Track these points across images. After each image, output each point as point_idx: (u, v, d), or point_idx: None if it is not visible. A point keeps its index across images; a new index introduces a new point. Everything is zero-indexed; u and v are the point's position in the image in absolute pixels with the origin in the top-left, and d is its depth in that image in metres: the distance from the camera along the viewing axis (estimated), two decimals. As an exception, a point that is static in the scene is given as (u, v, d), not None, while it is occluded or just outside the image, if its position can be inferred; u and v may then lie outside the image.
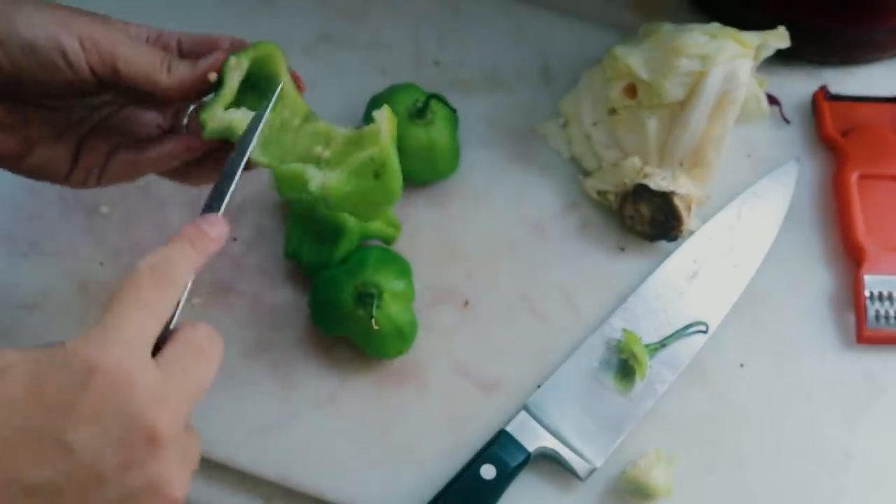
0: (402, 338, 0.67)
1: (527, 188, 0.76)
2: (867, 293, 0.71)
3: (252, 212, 0.74)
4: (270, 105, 0.58)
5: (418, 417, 0.68)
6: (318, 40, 0.82)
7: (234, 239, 0.72)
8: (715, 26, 0.73)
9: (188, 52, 0.60)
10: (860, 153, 0.76)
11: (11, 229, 0.73)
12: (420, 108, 0.72)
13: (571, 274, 0.73)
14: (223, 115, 0.57)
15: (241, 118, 0.57)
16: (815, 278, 0.74)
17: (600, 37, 0.80)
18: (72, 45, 0.53)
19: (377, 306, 0.65)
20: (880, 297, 0.71)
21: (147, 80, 0.56)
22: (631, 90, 0.73)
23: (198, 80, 0.57)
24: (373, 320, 0.65)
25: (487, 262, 0.73)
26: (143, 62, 0.55)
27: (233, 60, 0.57)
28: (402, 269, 0.68)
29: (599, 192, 0.75)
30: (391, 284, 0.66)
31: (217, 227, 0.51)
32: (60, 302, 0.70)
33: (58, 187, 0.73)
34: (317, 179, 0.57)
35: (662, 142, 0.72)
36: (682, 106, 0.71)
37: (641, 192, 0.72)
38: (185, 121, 0.62)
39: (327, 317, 0.68)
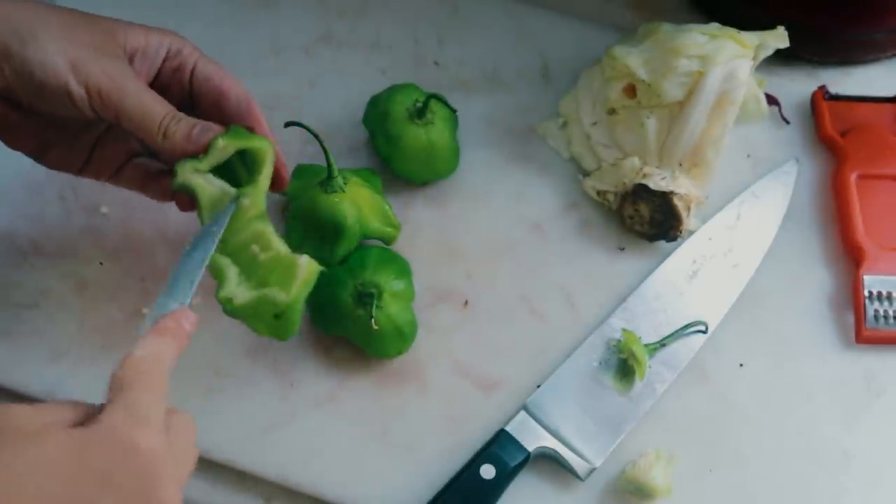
0: (401, 338, 0.67)
1: (526, 188, 0.76)
2: (866, 293, 0.71)
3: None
4: (226, 221, 0.60)
5: (418, 417, 0.68)
6: (318, 40, 0.82)
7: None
8: (714, 26, 0.73)
9: (197, 86, 0.62)
10: (859, 153, 0.76)
11: (11, 229, 0.73)
12: (420, 108, 0.72)
13: (571, 274, 0.73)
14: (191, 177, 0.59)
15: (205, 187, 0.59)
16: (814, 278, 0.74)
17: (600, 37, 0.80)
18: (78, 92, 0.56)
19: (377, 306, 0.65)
20: (879, 296, 0.71)
21: (144, 137, 0.58)
22: (630, 90, 0.73)
23: (187, 152, 0.59)
24: (372, 320, 0.65)
25: (487, 262, 0.73)
26: (144, 121, 0.58)
27: (220, 143, 0.59)
28: (402, 268, 0.69)
29: (599, 192, 0.75)
30: (391, 284, 0.67)
31: (192, 322, 0.54)
32: (60, 302, 0.70)
33: (58, 187, 0.74)
34: (228, 289, 0.60)
35: (662, 142, 0.72)
36: (682, 106, 0.71)
37: (641, 192, 0.72)
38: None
39: (327, 316, 0.68)
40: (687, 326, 0.69)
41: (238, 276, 0.61)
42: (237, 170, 0.62)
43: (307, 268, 0.60)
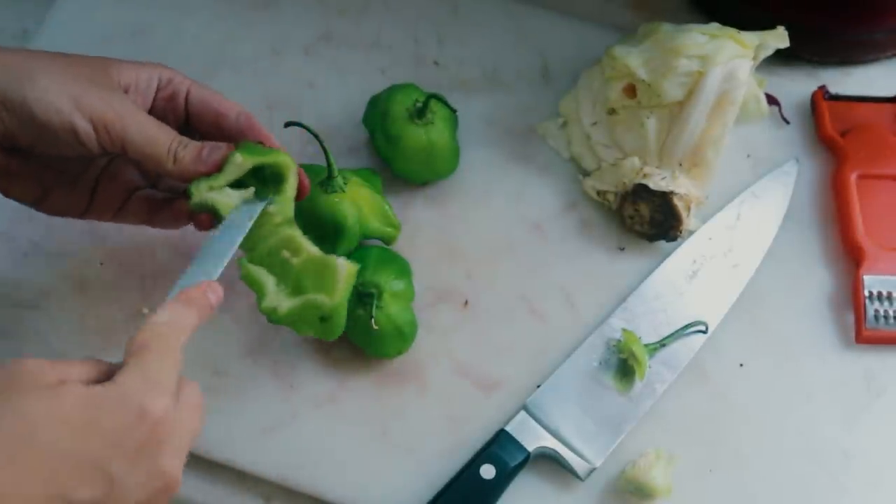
0: (402, 337, 0.67)
1: (526, 188, 0.76)
2: (866, 293, 0.71)
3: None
4: (257, 211, 0.61)
5: (418, 417, 0.68)
6: (318, 40, 0.82)
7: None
8: (714, 26, 0.73)
9: (194, 111, 0.62)
10: (859, 153, 0.76)
11: (11, 229, 0.73)
12: (420, 108, 0.72)
13: (571, 274, 0.73)
14: (209, 195, 0.59)
15: (224, 201, 0.60)
16: (814, 278, 0.74)
17: (600, 37, 0.80)
18: (84, 127, 0.56)
19: (377, 306, 0.65)
20: (879, 296, 0.71)
21: (153, 165, 0.58)
22: (630, 90, 0.73)
23: (200, 173, 0.59)
24: (372, 320, 0.65)
25: (487, 262, 0.73)
26: (151, 148, 0.58)
27: (238, 159, 0.59)
28: (402, 268, 0.69)
29: (599, 192, 0.75)
30: (391, 284, 0.67)
31: (218, 296, 0.55)
32: (60, 302, 0.70)
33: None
34: (270, 299, 0.61)
35: (662, 142, 0.72)
36: (682, 106, 0.71)
37: (641, 192, 0.72)
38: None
39: (327, 317, 0.68)
40: (687, 326, 0.69)
41: (276, 285, 0.61)
42: (249, 186, 0.62)
43: (347, 270, 0.61)
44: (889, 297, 0.71)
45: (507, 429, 0.66)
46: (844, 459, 0.68)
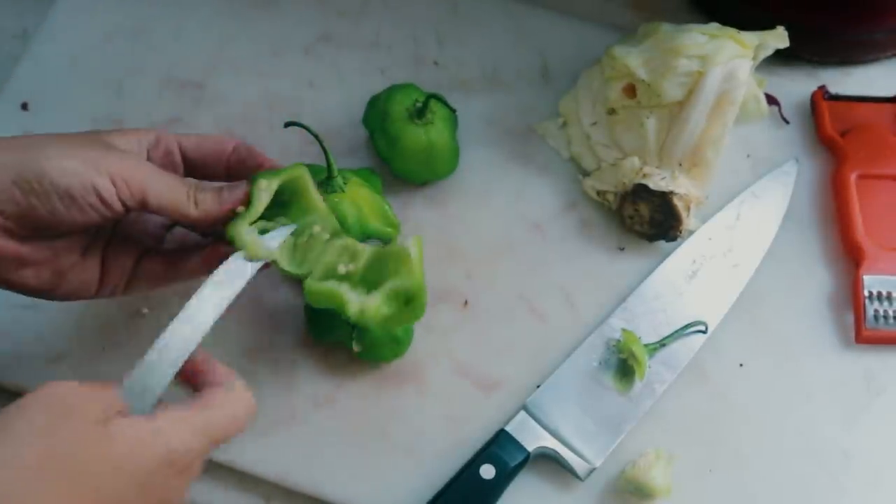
0: (395, 342, 0.67)
1: (526, 188, 0.76)
2: (866, 293, 0.71)
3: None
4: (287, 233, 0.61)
5: (418, 417, 0.68)
6: (318, 40, 0.82)
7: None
8: (714, 26, 0.73)
9: (193, 156, 0.62)
10: (859, 153, 0.76)
11: (11, 229, 0.72)
12: (419, 108, 0.72)
13: (571, 274, 0.73)
14: (253, 238, 0.59)
15: (265, 244, 0.59)
16: (814, 278, 0.74)
17: (600, 37, 0.80)
18: (105, 185, 0.55)
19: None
20: (879, 296, 0.71)
21: (176, 213, 0.58)
22: (630, 90, 0.73)
23: (224, 214, 0.59)
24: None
25: (487, 262, 0.73)
26: (172, 197, 0.58)
27: (263, 183, 0.59)
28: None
29: (599, 192, 0.75)
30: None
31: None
32: (60, 302, 0.70)
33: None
34: (354, 304, 0.60)
35: (661, 142, 0.72)
36: (682, 106, 0.71)
37: (641, 192, 0.72)
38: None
39: (322, 324, 0.68)
40: (687, 326, 0.69)
41: (351, 290, 0.60)
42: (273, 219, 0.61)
43: (417, 245, 0.61)
44: (889, 296, 0.71)
45: (507, 429, 0.66)
46: (844, 459, 0.68)
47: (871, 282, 0.72)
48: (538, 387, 0.68)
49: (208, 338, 0.62)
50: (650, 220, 0.73)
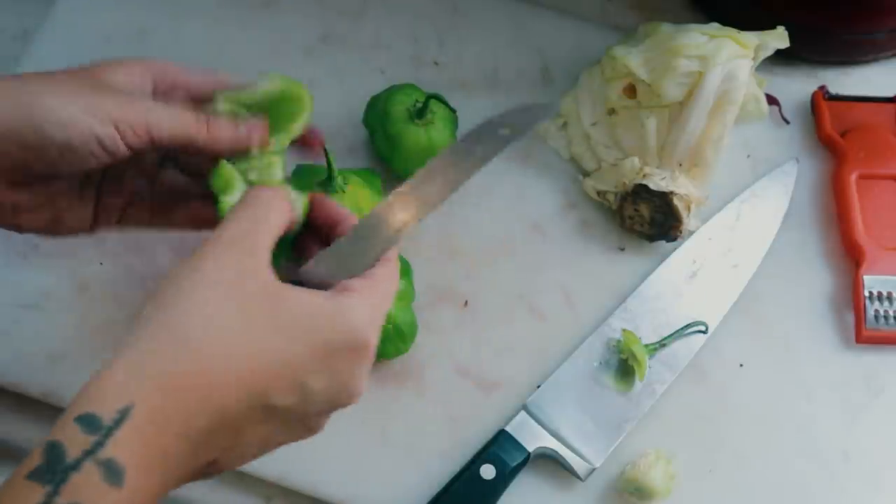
0: (401, 338, 0.67)
1: (526, 188, 0.76)
2: (866, 293, 0.71)
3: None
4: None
5: (418, 417, 0.68)
6: (318, 40, 0.82)
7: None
8: (714, 26, 0.73)
9: (199, 91, 0.59)
10: (859, 153, 0.76)
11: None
12: (420, 108, 0.72)
13: (571, 274, 0.73)
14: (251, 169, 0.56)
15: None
16: (814, 278, 0.74)
17: (600, 37, 0.80)
18: (107, 133, 0.53)
19: (377, 306, 0.65)
20: (879, 296, 0.71)
21: (187, 139, 0.55)
22: (630, 90, 0.73)
23: (242, 141, 0.56)
24: None
25: (487, 262, 0.73)
26: (179, 125, 0.55)
27: (276, 144, 0.57)
28: (402, 269, 0.68)
29: (599, 192, 0.75)
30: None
31: None
32: (60, 302, 0.70)
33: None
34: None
35: (662, 142, 0.72)
36: (682, 106, 0.71)
37: (641, 192, 0.72)
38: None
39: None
40: (687, 326, 0.69)
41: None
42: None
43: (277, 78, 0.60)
44: (889, 297, 0.71)
45: (507, 429, 0.66)
46: (844, 459, 0.68)
47: (872, 282, 0.72)
48: (538, 387, 0.68)
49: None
50: (650, 220, 0.73)
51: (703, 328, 0.70)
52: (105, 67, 0.57)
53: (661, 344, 0.69)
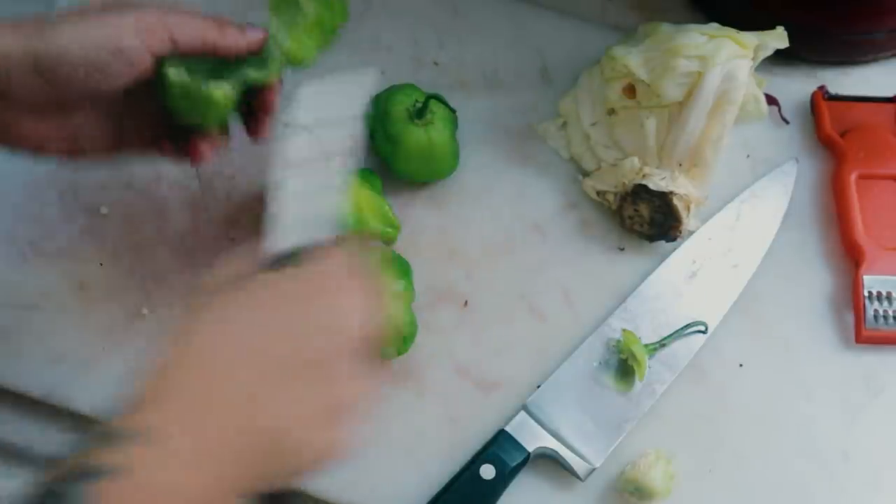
0: (402, 338, 0.67)
1: (526, 188, 0.76)
2: (866, 293, 0.71)
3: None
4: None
5: (418, 417, 0.68)
6: (318, 40, 0.82)
7: (232, 239, 0.73)
8: (713, 27, 0.73)
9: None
10: (859, 153, 0.76)
11: (11, 229, 0.73)
12: (420, 108, 0.72)
13: (571, 274, 0.73)
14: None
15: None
16: (813, 278, 0.74)
17: (600, 37, 0.80)
18: (132, 44, 0.55)
19: (377, 307, 0.65)
20: (879, 296, 0.71)
21: (207, 44, 0.58)
22: (630, 90, 0.73)
23: (252, 43, 0.60)
24: None
25: (487, 262, 0.73)
26: (201, 29, 0.58)
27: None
28: (402, 269, 0.69)
29: (598, 193, 0.75)
30: (391, 285, 0.67)
31: None
32: (60, 302, 0.70)
33: (57, 188, 0.74)
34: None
35: (661, 142, 0.72)
36: (681, 106, 0.71)
37: (640, 192, 0.72)
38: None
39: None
40: (687, 326, 0.69)
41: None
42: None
43: None
44: (889, 296, 0.71)
45: (507, 429, 0.66)
46: (844, 459, 0.68)
47: (871, 282, 0.72)
48: (538, 387, 0.68)
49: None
50: (650, 220, 0.73)
51: (702, 328, 0.70)
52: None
53: (661, 344, 0.69)
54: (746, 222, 0.74)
